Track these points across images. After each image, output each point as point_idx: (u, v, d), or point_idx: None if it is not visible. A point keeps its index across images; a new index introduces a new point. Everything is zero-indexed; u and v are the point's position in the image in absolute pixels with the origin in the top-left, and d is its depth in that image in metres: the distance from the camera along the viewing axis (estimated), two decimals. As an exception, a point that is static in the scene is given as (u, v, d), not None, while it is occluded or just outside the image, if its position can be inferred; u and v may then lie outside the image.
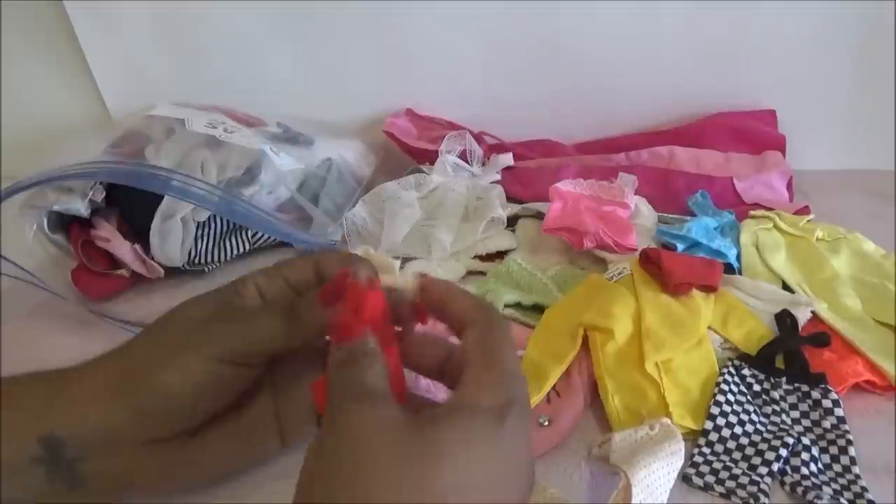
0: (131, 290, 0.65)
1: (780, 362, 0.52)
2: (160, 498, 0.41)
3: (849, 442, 0.45)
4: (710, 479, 0.44)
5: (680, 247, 0.62)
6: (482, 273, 0.64)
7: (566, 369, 0.51)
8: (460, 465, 0.28)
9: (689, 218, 0.65)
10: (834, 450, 0.46)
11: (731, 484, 0.43)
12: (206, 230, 0.66)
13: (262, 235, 0.67)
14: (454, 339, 0.36)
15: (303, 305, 0.37)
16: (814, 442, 0.46)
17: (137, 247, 0.63)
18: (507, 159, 0.75)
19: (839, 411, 0.47)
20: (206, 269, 0.66)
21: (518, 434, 0.31)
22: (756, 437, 0.46)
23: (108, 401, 0.36)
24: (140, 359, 0.37)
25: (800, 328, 0.53)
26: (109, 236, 0.64)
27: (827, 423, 0.47)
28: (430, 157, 0.75)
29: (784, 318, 0.54)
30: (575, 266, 0.63)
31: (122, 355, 0.38)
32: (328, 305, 0.36)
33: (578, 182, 0.69)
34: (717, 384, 0.49)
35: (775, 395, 0.49)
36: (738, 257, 0.62)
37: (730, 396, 0.49)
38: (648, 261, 0.58)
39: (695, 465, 0.45)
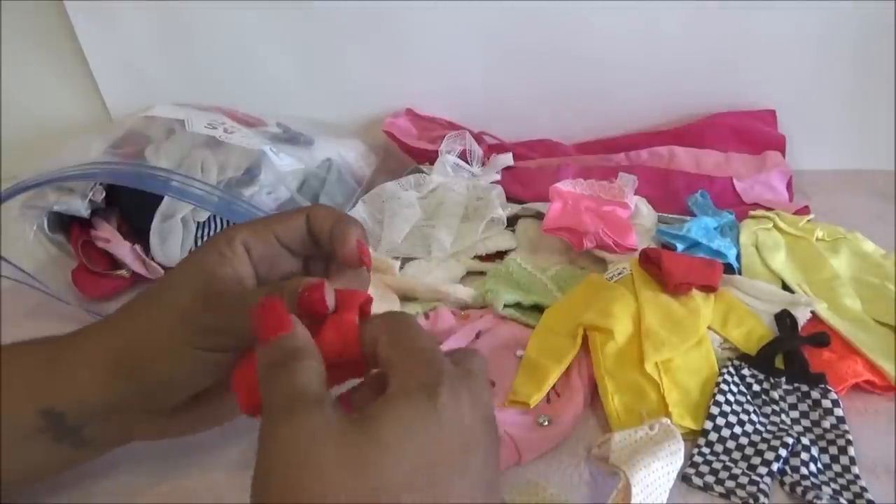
0: (131, 290, 0.65)
1: (779, 362, 0.52)
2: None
3: (848, 442, 0.45)
4: (710, 479, 0.44)
5: (680, 247, 0.62)
6: (482, 273, 0.64)
7: (566, 369, 0.51)
8: (401, 451, 0.27)
9: (688, 218, 0.65)
10: (833, 450, 0.46)
11: (730, 484, 0.43)
12: (206, 230, 0.66)
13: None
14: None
15: (288, 298, 0.36)
16: (813, 442, 0.46)
17: (137, 247, 0.64)
18: (507, 159, 0.75)
19: (839, 411, 0.47)
20: (206, 270, 0.66)
21: (458, 406, 0.29)
22: (756, 437, 0.46)
23: (103, 378, 0.38)
24: (133, 343, 0.38)
25: (799, 328, 0.53)
26: (109, 236, 0.64)
27: (826, 423, 0.47)
28: (430, 157, 0.75)
29: (784, 318, 0.54)
30: (575, 266, 0.63)
31: (115, 333, 0.39)
32: (303, 311, 0.34)
33: (578, 182, 0.69)
34: (717, 384, 0.49)
35: (775, 395, 0.49)
36: (738, 257, 0.62)
37: (729, 396, 0.49)
38: (648, 261, 0.58)
39: (694, 465, 0.45)
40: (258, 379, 0.31)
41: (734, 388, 0.49)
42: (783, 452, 0.45)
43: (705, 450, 0.46)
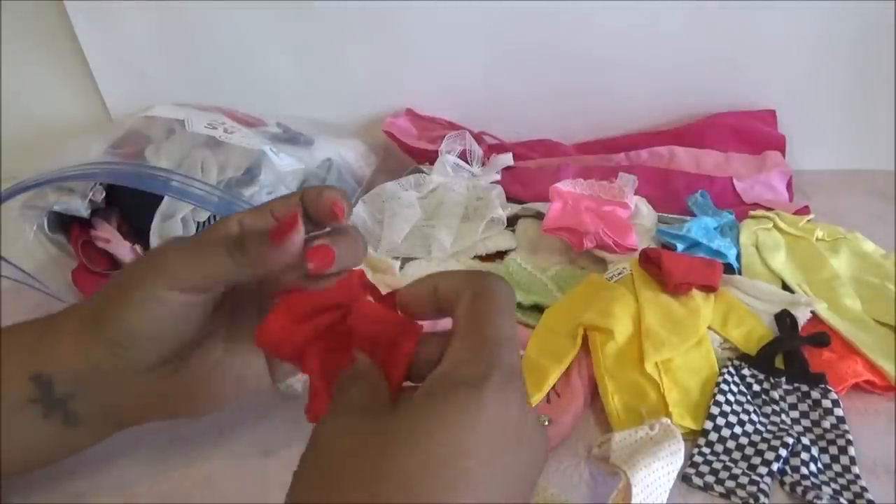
0: (131, 290, 0.65)
1: (779, 362, 0.52)
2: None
3: (848, 442, 0.45)
4: (710, 479, 0.44)
5: (680, 247, 0.62)
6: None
7: (566, 369, 0.51)
8: (428, 444, 0.27)
9: (688, 218, 0.65)
10: (833, 450, 0.46)
11: (730, 484, 0.43)
12: (207, 230, 0.66)
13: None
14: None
15: (251, 239, 0.37)
16: (813, 442, 0.46)
17: (137, 247, 0.63)
18: (507, 159, 0.75)
19: (839, 411, 0.47)
20: (207, 270, 0.66)
21: (505, 401, 0.29)
22: (756, 437, 0.46)
23: (82, 337, 0.38)
24: (107, 297, 0.39)
25: (799, 328, 0.54)
26: (109, 237, 0.64)
27: (826, 423, 0.47)
28: (430, 157, 0.75)
29: (784, 318, 0.54)
30: (575, 266, 0.63)
31: (97, 295, 0.39)
32: (278, 242, 0.35)
33: (578, 182, 0.69)
34: (717, 384, 0.49)
35: (775, 395, 0.49)
36: (738, 257, 0.62)
37: (729, 396, 0.49)
38: (648, 261, 0.58)
39: (695, 465, 0.45)
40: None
41: (734, 388, 0.49)
42: (783, 452, 0.45)
43: (705, 450, 0.46)
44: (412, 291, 0.35)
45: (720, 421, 0.47)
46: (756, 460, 0.45)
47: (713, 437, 0.47)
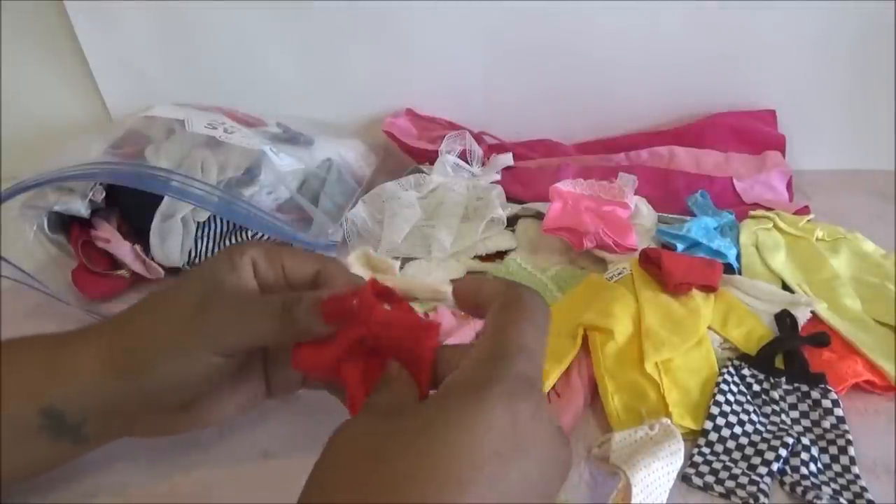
0: (131, 290, 0.65)
1: (779, 362, 0.52)
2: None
3: (848, 442, 0.45)
4: (710, 479, 0.44)
5: (680, 247, 0.62)
6: (482, 273, 0.64)
7: (566, 369, 0.51)
8: (427, 444, 0.27)
9: (688, 218, 0.65)
10: (833, 450, 0.46)
11: (730, 484, 0.43)
12: (207, 230, 0.66)
13: (262, 236, 0.67)
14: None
15: (300, 311, 0.37)
16: (813, 442, 0.46)
17: (137, 247, 0.63)
18: (507, 159, 0.75)
19: (839, 411, 0.47)
20: (206, 270, 0.66)
21: (510, 408, 0.28)
22: (756, 437, 0.46)
23: (106, 379, 0.38)
24: (139, 344, 0.38)
25: (799, 328, 0.54)
26: (109, 237, 0.64)
27: (826, 423, 0.47)
28: (430, 157, 0.75)
29: (784, 318, 0.54)
30: (575, 266, 0.63)
31: (120, 333, 0.39)
32: (328, 320, 0.36)
33: (578, 182, 0.69)
34: (717, 384, 0.49)
35: (775, 395, 0.49)
36: (738, 257, 0.62)
37: (729, 396, 0.49)
38: (648, 261, 0.58)
39: (694, 465, 0.45)
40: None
41: (734, 388, 0.49)
42: (783, 452, 0.45)
43: (705, 450, 0.46)
44: (465, 285, 0.36)
45: (720, 421, 0.47)
46: (756, 460, 0.45)
47: (713, 437, 0.47)
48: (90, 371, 0.38)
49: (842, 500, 0.42)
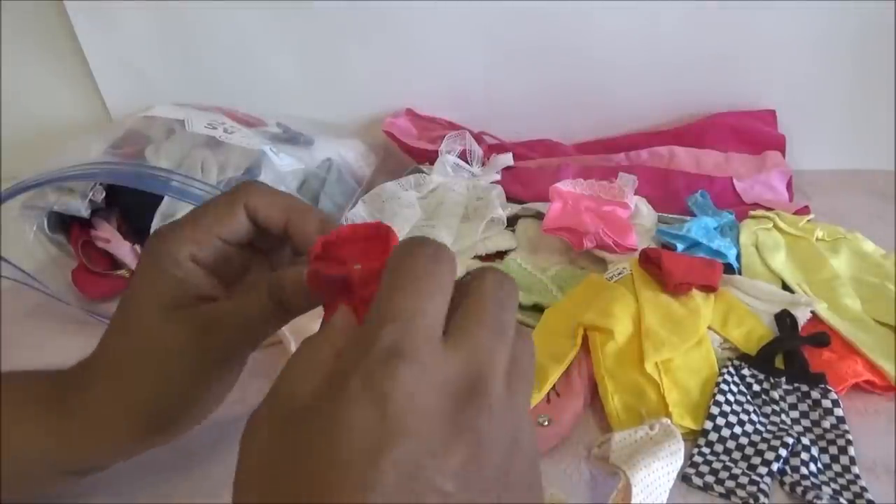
0: (131, 290, 0.65)
1: (779, 362, 0.52)
2: None
3: (848, 442, 0.45)
4: (710, 479, 0.44)
5: (680, 247, 0.62)
6: (482, 273, 0.64)
7: (566, 369, 0.51)
8: (283, 452, 0.25)
9: (688, 218, 0.65)
10: (833, 450, 0.46)
11: (730, 484, 0.43)
12: (206, 230, 0.66)
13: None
14: None
15: (291, 295, 0.35)
16: (813, 442, 0.46)
17: (137, 247, 0.64)
18: (507, 159, 0.75)
19: (839, 411, 0.47)
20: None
21: (372, 402, 0.23)
22: (756, 437, 0.46)
23: (126, 440, 0.37)
24: (148, 399, 0.37)
25: (799, 328, 0.53)
26: (109, 237, 0.64)
27: (826, 423, 0.47)
28: (430, 157, 0.75)
29: (784, 318, 0.54)
30: (575, 266, 0.63)
31: (122, 390, 0.37)
32: (317, 292, 0.32)
33: (578, 182, 0.69)
34: (717, 384, 0.49)
35: (775, 395, 0.49)
36: (738, 257, 0.62)
37: (729, 396, 0.49)
38: (648, 261, 0.58)
39: (694, 465, 0.45)
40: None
41: (734, 388, 0.49)
42: (783, 452, 0.45)
43: (705, 450, 0.46)
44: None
45: (720, 421, 0.47)
46: (756, 460, 0.45)
47: (713, 437, 0.47)
48: (110, 439, 0.37)
49: (842, 500, 0.42)
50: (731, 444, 0.46)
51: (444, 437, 0.23)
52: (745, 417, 0.48)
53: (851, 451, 0.45)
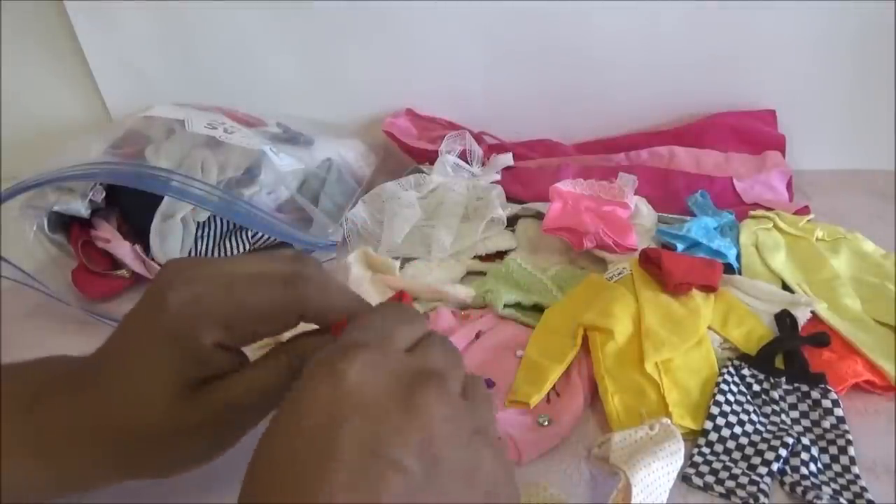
0: (131, 290, 0.65)
1: (779, 362, 0.52)
2: None
3: (848, 442, 0.45)
4: (710, 479, 0.44)
5: (680, 247, 0.62)
6: (482, 273, 0.64)
7: (566, 369, 0.51)
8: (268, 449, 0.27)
9: (688, 218, 0.65)
10: (833, 450, 0.46)
11: (730, 484, 0.43)
12: (206, 230, 0.66)
13: (262, 236, 0.67)
14: None
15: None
16: (813, 442, 0.46)
17: (137, 247, 0.63)
18: (507, 159, 0.75)
19: (839, 411, 0.47)
20: (206, 270, 0.66)
21: (331, 379, 0.27)
22: (756, 437, 0.46)
23: (116, 478, 0.37)
24: (159, 468, 0.37)
25: (799, 328, 0.53)
26: (109, 236, 0.64)
27: (826, 423, 0.47)
28: (430, 157, 0.75)
29: (784, 318, 0.54)
30: (575, 266, 0.63)
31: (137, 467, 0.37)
32: None
33: (578, 182, 0.69)
34: (717, 384, 0.49)
35: (775, 395, 0.49)
36: (738, 257, 0.62)
37: (729, 396, 0.49)
38: (648, 261, 0.58)
39: (694, 465, 0.45)
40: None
41: (734, 388, 0.49)
42: (783, 452, 0.45)
43: (705, 450, 0.46)
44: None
45: (720, 421, 0.47)
46: (756, 460, 0.45)
47: (713, 437, 0.46)
48: (102, 480, 0.37)
49: (842, 500, 0.42)
50: (731, 444, 0.46)
51: (401, 415, 0.26)
52: (745, 417, 0.48)
53: (851, 451, 0.45)
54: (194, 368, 0.34)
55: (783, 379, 0.50)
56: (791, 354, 0.51)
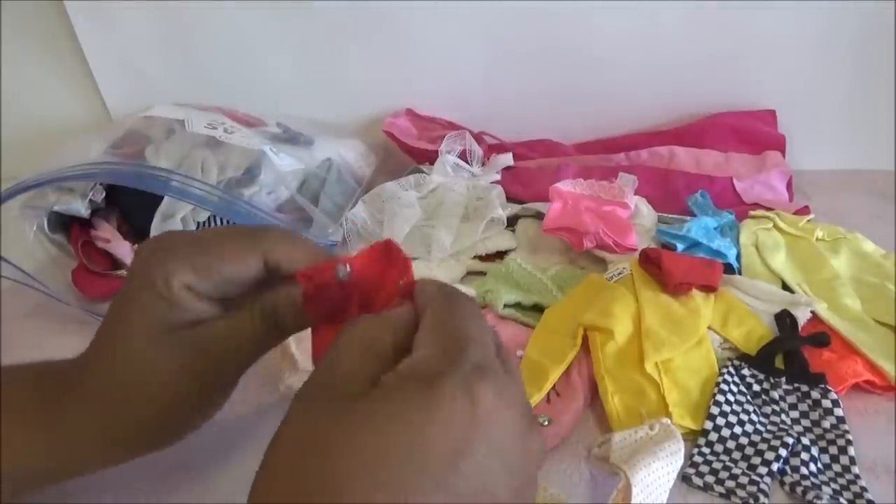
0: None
1: (779, 362, 0.52)
2: None
3: (848, 442, 0.45)
4: (710, 479, 0.44)
5: (680, 247, 0.62)
6: (482, 273, 0.64)
7: (566, 369, 0.51)
8: (363, 444, 0.25)
9: (688, 218, 0.65)
10: (833, 450, 0.46)
11: (730, 484, 0.43)
12: (207, 230, 0.66)
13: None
14: None
15: (284, 314, 0.35)
16: (813, 442, 0.46)
17: (137, 247, 0.63)
18: (507, 159, 0.75)
19: (839, 411, 0.47)
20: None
21: (469, 398, 0.26)
22: (756, 437, 0.46)
23: (103, 453, 0.37)
24: (124, 414, 0.36)
25: (799, 328, 0.53)
26: (109, 237, 0.64)
27: (826, 423, 0.47)
28: (430, 157, 0.75)
29: (784, 318, 0.54)
30: (575, 266, 0.63)
31: (102, 401, 0.36)
32: (314, 314, 0.34)
33: (578, 182, 0.69)
34: (717, 384, 0.49)
35: (775, 395, 0.49)
36: (738, 257, 0.62)
37: (729, 396, 0.49)
38: (648, 261, 0.58)
39: (694, 465, 0.45)
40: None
41: (734, 388, 0.49)
42: (783, 452, 0.45)
43: (705, 450, 0.46)
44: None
45: (720, 421, 0.47)
46: (756, 460, 0.45)
47: (713, 437, 0.47)
48: (90, 449, 0.36)
49: (842, 500, 0.42)
50: (731, 444, 0.46)
51: (516, 457, 0.27)
52: (745, 417, 0.48)
53: (851, 451, 0.45)
54: (168, 311, 0.34)
55: (783, 379, 0.50)
56: (791, 354, 0.51)
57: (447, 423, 0.25)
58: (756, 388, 0.50)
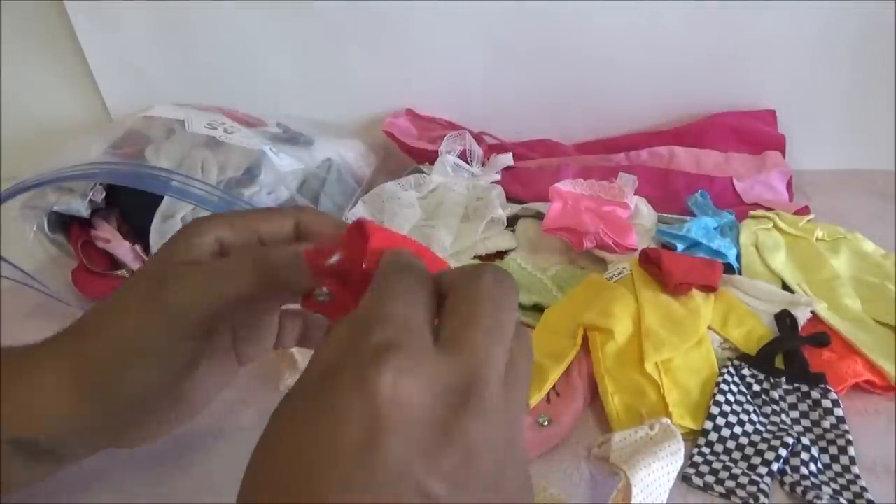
0: (131, 290, 0.65)
1: (779, 362, 0.52)
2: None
3: (848, 442, 0.45)
4: (710, 479, 0.44)
5: (680, 247, 0.62)
6: (482, 273, 0.64)
7: (566, 369, 0.51)
8: (283, 443, 0.24)
9: (688, 218, 0.65)
10: (833, 450, 0.46)
11: (730, 484, 0.43)
12: (206, 230, 0.66)
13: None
14: None
15: (283, 261, 0.33)
16: (813, 442, 0.46)
17: (137, 247, 0.64)
18: (507, 159, 0.75)
19: (839, 411, 0.47)
20: (206, 270, 0.66)
21: (364, 396, 0.23)
22: (756, 437, 0.46)
23: (77, 402, 0.35)
24: (102, 356, 0.35)
25: (799, 328, 0.54)
26: (109, 236, 0.64)
27: (826, 423, 0.47)
28: (430, 157, 0.75)
29: (784, 318, 0.54)
30: (575, 266, 0.63)
31: (80, 348, 0.35)
32: (316, 271, 0.32)
33: (578, 182, 0.69)
34: (717, 384, 0.49)
35: (775, 395, 0.49)
36: (738, 257, 0.62)
37: (729, 396, 0.49)
38: (648, 261, 0.58)
39: (694, 465, 0.45)
40: None
41: (734, 388, 0.49)
42: (783, 452, 0.45)
43: (705, 450, 0.46)
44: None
45: (720, 421, 0.47)
46: (756, 460, 0.45)
47: (713, 437, 0.47)
48: (57, 398, 0.35)
49: (842, 500, 0.42)
50: (731, 444, 0.46)
51: (437, 439, 0.23)
52: (745, 417, 0.48)
53: (851, 451, 0.45)
54: (186, 253, 0.34)
55: (783, 379, 0.50)
56: (791, 354, 0.51)
57: (341, 423, 0.23)
58: (756, 388, 0.50)
